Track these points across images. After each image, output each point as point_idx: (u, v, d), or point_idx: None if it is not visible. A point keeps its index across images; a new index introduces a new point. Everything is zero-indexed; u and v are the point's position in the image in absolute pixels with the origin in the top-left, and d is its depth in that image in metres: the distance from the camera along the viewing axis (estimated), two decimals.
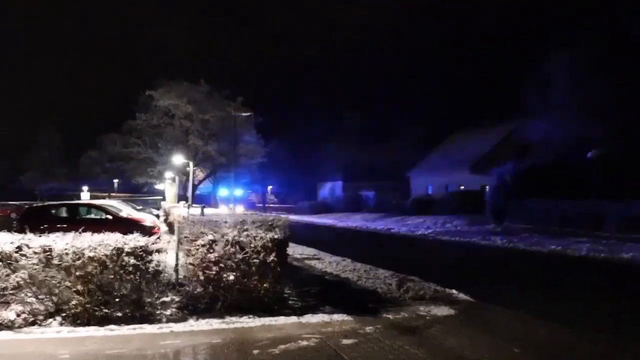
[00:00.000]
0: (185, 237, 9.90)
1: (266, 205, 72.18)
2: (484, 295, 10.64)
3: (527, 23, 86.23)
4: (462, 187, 46.53)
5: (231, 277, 8.64)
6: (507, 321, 8.72)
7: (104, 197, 53.56)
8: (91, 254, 7.98)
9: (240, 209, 44.73)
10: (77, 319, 7.90)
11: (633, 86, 29.80)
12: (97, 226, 10.23)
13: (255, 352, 6.83)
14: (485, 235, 25.77)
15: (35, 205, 27.68)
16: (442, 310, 9.36)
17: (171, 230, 19.17)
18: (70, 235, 8.47)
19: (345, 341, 7.36)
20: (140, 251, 8.36)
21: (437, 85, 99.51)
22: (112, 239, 8.35)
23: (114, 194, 66.32)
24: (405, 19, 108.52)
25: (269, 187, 79.62)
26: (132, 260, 8.22)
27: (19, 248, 8.12)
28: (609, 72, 31.70)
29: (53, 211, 19.65)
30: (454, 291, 11.04)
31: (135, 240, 8.49)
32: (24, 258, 8.04)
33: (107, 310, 8.02)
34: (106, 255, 8.04)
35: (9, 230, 8.95)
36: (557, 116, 33.58)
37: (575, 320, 8.63)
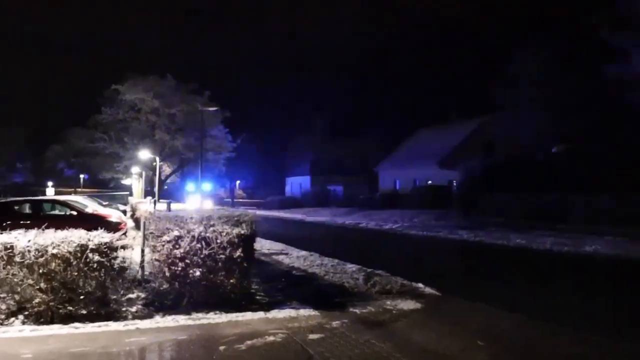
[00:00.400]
0: (151, 233, 9.80)
1: (234, 200, 71.87)
2: (450, 289, 10.75)
3: (494, 21, 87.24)
4: (430, 182, 46.98)
5: (197, 273, 8.59)
6: (472, 314, 8.83)
7: (69, 193, 52.73)
8: (55, 251, 7.85)
9: (209, 204, 44.10)
10: (41, 318, 7.77)
11: (595, 83, 30.37)
12: (62, 222, 10.10)
13: (222, 348, 6.82)
14: (452, 230, 26.04)
15: None
16: (409, 304, 9.43)
17: (138, 226, 19.00)
18: (33, 232, 8.33)
19: (312, 336, 7.38)
20: (105, 247, 8.24)
21: (406, 81, 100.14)
22: (76, 236, 8.22)
23: (79, 190, 65.42)
24: (372, 17, 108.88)
25: (237, 182, 79.30)
26: (97, 257, 8.10)
27: None
28: (573, 70, 32.31)
29: (16, 207, 19.26)
30: (420, 285, 11.13)
31: (100, 236, 8.37)
32: None
33: (71, 308, 7.90)
34: (70, 252, 7.92)
35: None
36: (523, 112, 34.12)
37: (538, 313, 8.78)
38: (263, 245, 18.52)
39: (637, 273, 14.25)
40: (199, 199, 40.89)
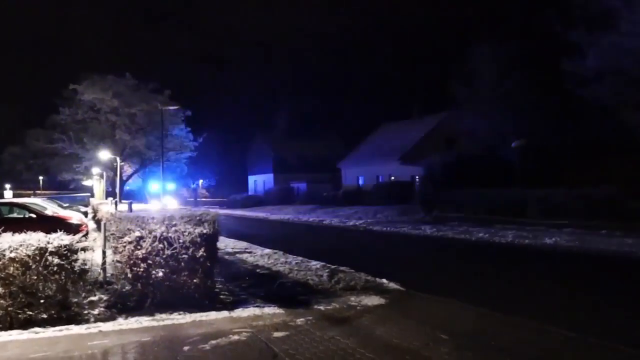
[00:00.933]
0: (113, 234, 9.69)
1: (197, 199, 71.36)
2: (413, 284, 10.85)
3: (453, 17, 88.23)
4: (393, 178, 47.27)
5: (160, 274, 8.53)
6: (435, 309, 8.95)
7: (28, 195, 51.74)
8: (12, 255, 7.70)
9: (173, 204, 43.90)
10: None
11: (552, 78, 30.92)
12: (20, 225, 9.90)
13: (186, 348, 6.78)
14: (416, 225, 26.29)
15: None
16: (373, 300, 9.51)
17: (99, 227, 18.74)
18: None
19: (277, 334, 7.39)
20: (65, 250, 8.12)
21: (368, 78, 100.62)
22: (34, 239, 8.08)
23: (39, 192, 64.25)
24: (333, 15, 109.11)
25: (200, 182, 78.76)
26: (57, 260, 7.97)
27: None
28: (529, 66, 32.86)
29: None
30: (384, 281, 11.23)
31: (59, 239, 8.24)
32: None
33: (31, 313, 7.76)
34: (29, 256, 7.78)
35: None
36: (482, 108, 34.57)
37: (501, 306, 8.92)
38: (227, 244, 18.48)
39: (594, 264, 14.57)
40: (162, 199, 40.43)
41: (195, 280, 8.70)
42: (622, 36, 25.65)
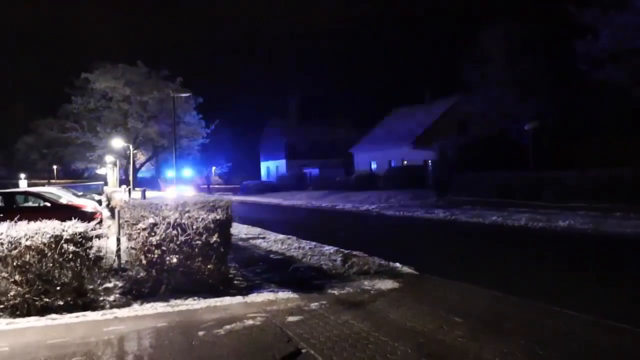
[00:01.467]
0: (127, 221, 9.75)
1: (210, 186, 71.62)
2: (427, 268, 10.86)
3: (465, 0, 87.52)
4: (405, 162, 47.17)
5: (174, 260, 8.58)
6: (448, 292, 8.93)
7: (43, 185, 52.18)
8: (28, 243, 7.77)
9: (189, 191, 43.71)
10: (16, 310, 7.70)
11: (565, 61, 30.64)
12: (36, 214, 9.99)
13: (201, 333, 6.83)
14: (428, 209, 26.23)
15: None
16: (386, 284, 9.52)
17: (114, 215, 18.88)
18: (6, 224, 8.23)
19: (291, 318, 7.42)
20: (80, 237, 8.18)
21: (380, 63, 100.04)
22: (50, 227, 8.15)
23: (53, 181, 64.69)
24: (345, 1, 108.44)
25: (213, 169, 78.97)
26: (72, 247, 8.04)
27: None
28: (542, 47, 32.56)
29: None
30: (397, 265, 11.23)
31: (74, 226, 8.30)
32: None
33: (47, 300, 7.84)
34: (44, 243, 7.85)
35: None
36: (495, 91, 34.35)
37: (514, 289, 8.91)
38: (240, 230, 18.55)
39: (608, 246, 14.49)
40: (175, 186, 40.60)
41: (209, 266, 8.74)
42: (635, 15, 25.34)
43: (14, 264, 7.71)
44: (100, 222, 15.58)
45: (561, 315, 7.26)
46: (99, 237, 8.64)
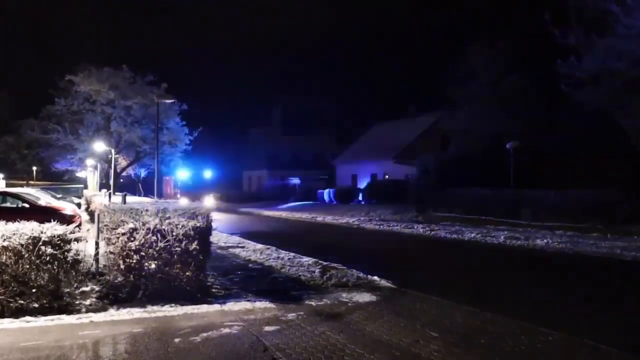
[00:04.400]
0: (106, 225, 9.71)
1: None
2: (405, 282, 10.92)
3: (450, 18, 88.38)
4: (387, 176, 47.33)
5: (153, 266, 8.56)
6: (426, 307, 8.98)
7: (21, 185, 51.57)
8: (5, 244, 7.71)
9: (210, 201, 43.27)
10: None
11: (548, 81, 31.03)
12: (13, 215, 9.91)
13: (177, 340, 6.81)
14: (408, 224, 26.35)
15: None
16: (364, 297, 9.57)
17: (93, 219, 18.73)
18: None
19: (268, 328, 7.43)
20: (58, 240, 8.14)
21: (364, 77, 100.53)
22: (28, 228, 8.10)
23: (32, 182, 64.01)
24: (329, 13, 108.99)
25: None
26: (50, 250, 7.99)
27: None
28: (527, 67, 32.98)
29: None
30: (376, 278, 11.29)
31: (52, 229, 8.26)
32: None
33: (22, 302, 7.77)
34: (22, 245, 7.79)
35: None
36: (478, 109, 34.67)
37: (489, 305, 9.00)
38: (219, 239, 18.52)
39: (583, 266, 14.66)
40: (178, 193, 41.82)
41: (187, 273, 8.72)
42: (617, 39, 25.76)
43: None
44: (79, 225, 15.50)
45: (536, 333, 7.34)
46: (77, 240, 8.59)
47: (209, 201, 39.78)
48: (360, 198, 43.78)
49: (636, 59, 25.85)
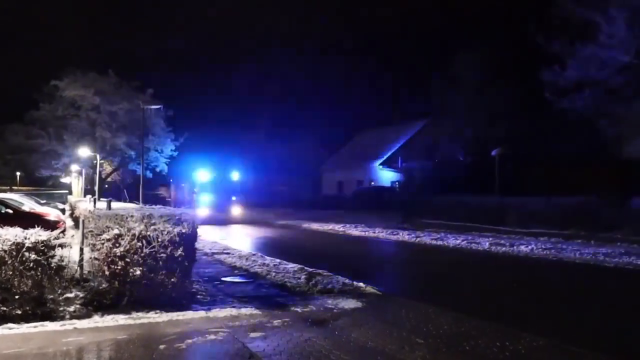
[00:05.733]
0: (91, 231, 9.66)
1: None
2: (391, 288, 10.97)
3: (436, 26, 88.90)
4: (373, 183, 47.44)
5: (138, 272, 8.51)
6: (411, 313, 9.00)
7: (5, 191, 51.07)
8: None
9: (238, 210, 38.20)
10: None
11: (533, 89, 31.32)
12: None
13: (162, 347, 6.78)
14: (394, 230, 26.38)
15: None
16: (350, 303, 9.57)
17: (77, 224, 18.63)
18: None
19: (253, 334, 7.41)
20: (42, 246, 8.08)
21: (349, 83, 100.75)
22: (11, 234, 8.03)
23: (16, 188, 63.41)
24: (316, 20, 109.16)
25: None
26: (33, 256, 7.93)
27: None
28: (512, 75, 33.26)
29: None
30: (361, 284, 11.30)
31: (36, 234, 8.19)
32: None
33: (5, 309, 7.70)
34: (5, 251, 7.73)
35: None
36: (463, 116, 34.93)
37: (474, 311, 9.05)
38: (205, 245, 18.45)
39: (568, 272, 14.77)
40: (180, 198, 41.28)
41: (173, 280, 8.68)
42: (600, 48, 26.09)
43: None
44: (64, 231, 15.38)
45: (520, 338, 7.38)
46: (61, 246, 8.53)
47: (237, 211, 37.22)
48: (346, 204, 43.79)
49: (618, 67, 26.19)
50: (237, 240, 22.75)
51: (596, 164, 27.98)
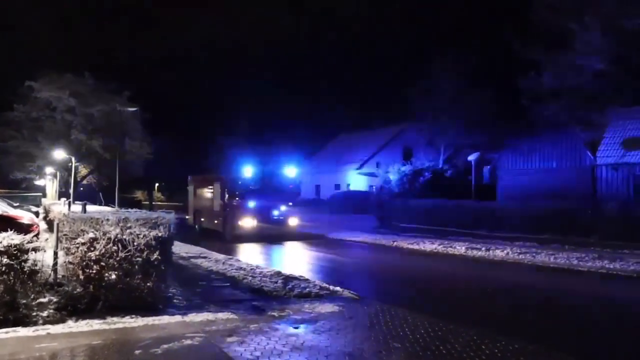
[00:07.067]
0: (65, 235, 9.54)
1: (153, 203, 70.39)
2: (367, 292, 10.99)
3: (414, 31, 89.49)
4: (350, 187, 47.52)
5: (113, 276, 8.42)
6: (388, 317, 9.02)
7: None
8: None
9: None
10: None
11: (510, 95, 31.69)
12: None
13: (137, 352, 6.72)
14: (370, 234, 26.46)
15: None
16: (327, 307, 9.57)
17: (51, 228, 18.41)
18: None
19: (230, 339, 7.37)
20: (15, 250, 7.96)
21: (326, 87, 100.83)
22: None
23: None
24: (293, 23, 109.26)
25: (157, 185, 77.89)
26: (6, 260, 7.81)
27: None
28: (490, 81, 33.57)
29: None
30: (338, 288, 11.32)
31: (9, 238, 8.07)
32: None
33: None
34: None
35: None
36: (441, 121, 35.18)
37: (451, 315, 9.11)
38: (181, 249, 18.31)
39: (542, 277, 14.93)
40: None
41: (148, 284, 8.61)
42: (576, 55, 26.46)
43: None
44: (37, 234, 15.19)
45: (495, 341, 7.44)
46: (35, 250, 8.41)
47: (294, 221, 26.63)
48: (323, 208, 43.79)
49: (594, 74, 26.57)
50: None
51: (572, 170, 28.38)
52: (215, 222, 27.39)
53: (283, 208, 26.27)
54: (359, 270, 16.32)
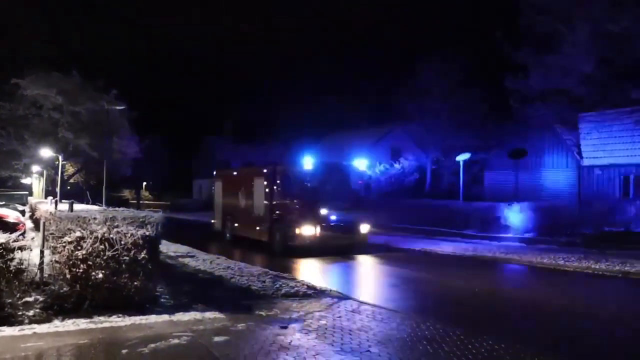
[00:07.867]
0: (52, 233, 9.49)
1: (140, 202, 70.11)
2: (355, 292, 11.03)
3: (404, 32, 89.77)
4: None
5: (100, 275, 8.39)
6: (376, 316, 9.04)
7: None
8: None
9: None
10: None
11: (499, 96, 31.84)
12: None
13: (124, 351, 6.69)
14: None
15: None
16: (314, 307, 9.59)
17: (37, 226, 18.28)
18: None
19: (217, 339, 7.36)
20: (0, 249, 7.91)
21: (315, 87, 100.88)
22: None
23: None
24: (283, 23, 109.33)
25: (144, 184, 77.60)
26: None
27: None
28: (478, 82, 33.73)
29: None
30: (326, 288, 11.36)
31: None
32: None
33: None
34: None
35: None
36: (429, 122, 35.31)
37: (437, 314, 9.16)
38: (169, 248, 18.27)
39: (531, 275, 15.02)
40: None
41: (136, 283, 8.58)
42: (564, 57, 26.63)
43: None
44: (24, 233, 15.08)
45: (482, 341, 7.48)
46: (21, 249, 8.36)
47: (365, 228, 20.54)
48: None
49: (581, 76, 26.74)
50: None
51: (559, 170, 28.56)
52: (258, 228, 21.23)
53: (349, 210, 19.98)
54: (347, 269, 16.31)
